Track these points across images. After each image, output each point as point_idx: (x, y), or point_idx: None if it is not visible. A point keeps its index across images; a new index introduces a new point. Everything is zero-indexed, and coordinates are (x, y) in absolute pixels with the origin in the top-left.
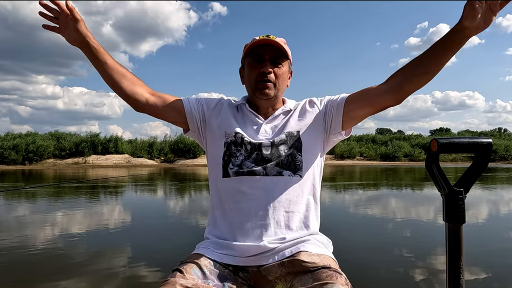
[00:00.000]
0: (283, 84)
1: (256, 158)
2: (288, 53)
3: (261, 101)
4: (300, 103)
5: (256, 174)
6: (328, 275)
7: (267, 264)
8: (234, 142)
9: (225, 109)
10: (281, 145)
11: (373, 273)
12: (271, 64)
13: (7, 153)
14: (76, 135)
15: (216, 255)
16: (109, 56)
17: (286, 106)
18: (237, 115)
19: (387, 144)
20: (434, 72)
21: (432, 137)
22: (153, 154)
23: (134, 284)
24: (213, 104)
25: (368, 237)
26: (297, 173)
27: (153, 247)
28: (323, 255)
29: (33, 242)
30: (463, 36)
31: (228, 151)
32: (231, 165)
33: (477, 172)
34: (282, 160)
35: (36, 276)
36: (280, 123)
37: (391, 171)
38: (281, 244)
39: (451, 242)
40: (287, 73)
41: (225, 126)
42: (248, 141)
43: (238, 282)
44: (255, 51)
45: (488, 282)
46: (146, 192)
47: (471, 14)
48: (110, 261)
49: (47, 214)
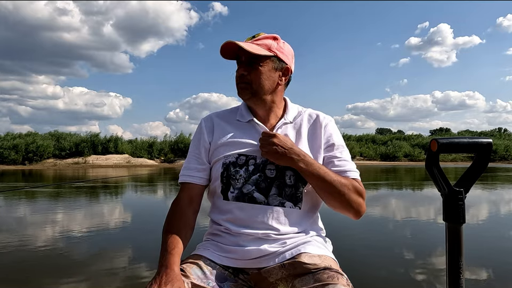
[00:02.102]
0: (263, 84)
1: (258, 179)
2: (272, 49)
3: (248, 102)
4: (302, 115)
5: (257, 202)
6: (330, 276)
7: (268, 266)
8: (234, 163)
9: (218, 128)
10: (288, 170)
11: (373, 273)
12: (247, 65)
13: (7, 153)
14: (76, 135)
15: (216, 256)
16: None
17: (286, 117)
18: (238, 129)
19: (387, 144)
20: (323, 196)
21: (432, 137)
22: (153, 154)
23: (134, 284)
24: (206, 134)
25: (368, 237)
26: (298, 205)
27: (154, 247)
28: (324, 256)
29: (33, 242)
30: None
31: (225, 172)
32: (231, 189)
33: (477, 171)
34: (286, 191)
35: (36, 275)
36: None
37: (391, 171)
38: (282, 247)
39: (451, 242)
40: (270, 72)
41: (224, 148)
42: (253, 163)
43: (238, 283)
44: (235, 54)
45: (488, 282)
46: (146, 192)
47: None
48: (110, 261)
49: (48, 214)
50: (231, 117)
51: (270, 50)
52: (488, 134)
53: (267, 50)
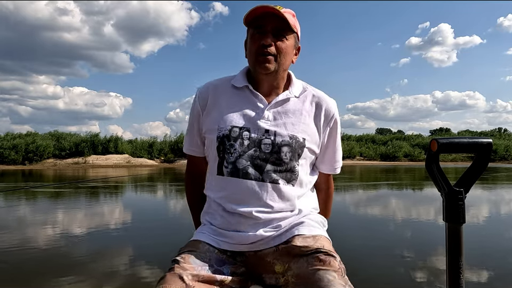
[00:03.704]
0: (286, 59)
1: (253, 155)
2: (295, 26)
3: (261, 75)
4: (307, 92)
5: (251, 178)
6: (322, 260)
7: (263, 249)
8: (228, 136)
9: (213, 97)
10: (284, 147)
11: (373, 273)
12: (273, 36)
13: (6, 153)
14: (76, 135)
15: (214, 240)
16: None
17: (291, 91)
18: (233, 98)
19: (387, 144)
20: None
21: (432, 137)
22: (153, 154)
23: (135, 284)
24: (200, 108)
25: (368, 237)
26: (292, 182)
27: (154, 247)
28: (318, 236)
29: (34, 242)
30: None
31: (221, 146)
32: (225, 163)
33: (477, 171)
34: (281, 168)
35: (36, 275)
36: (285, 113)
37: (391, 171)
38: (277, 231)
39: (451, 242)
40: (292, 48)
41: (218, 120)
42: (248, 136)
43: (237, 265)
44: (257, 22)
45: (488, 282)
46: (146, 192)
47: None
48: (110, 260)
49: (48, 214)
50: (226, 84)
51: (294, 26)
52: (488, 134)
53: (292, 26)
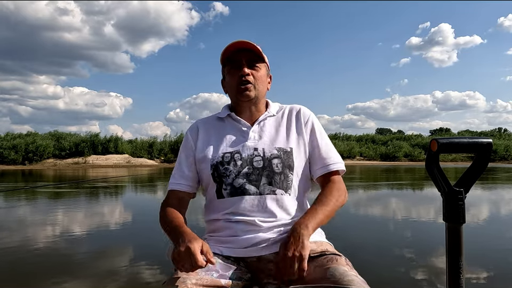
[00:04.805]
0: (262, 86)
1: (248, 172)
2: (265, 56)
3: (244, 103)
4: (284, 109)
5: (250, 194)
6: (329, 259)
7: (266, 254)
8: (221, 162)
9: (203, 130)
10: (274, 159)
11: (373, 273)
12: (248, 67)
13: (6, 153)
14: (76, 135)
15: (216, 248)
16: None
17: (269, 111)
18: (220, 128)
19: (387, 144)
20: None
21: (432, 137)
22: (153, 154)
23: (136, 284)
24: (192, 142)
25: (368, 237)
26: (288, 191)
27: (154, 247)
28: (319, 242)
29: (34, 242)
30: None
31: (215, 172)
32: (224, 186)
33: (477, 171)
34: (275, 179)
35: (36, 275)
36: (268, 130)
37: (391, 171)
38: (278, 235)
39: (451, 242)
40: (266, 76)
41: (209, 149)
42: (239, 157)
43: (241, 270)
44: (232, 58)
45: (488, 282)
46: (146, 191)
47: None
48: (111, 261)
49: (48, 214)
50: (213, 118)
51: (264, 57)
52: (488, 134)
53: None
